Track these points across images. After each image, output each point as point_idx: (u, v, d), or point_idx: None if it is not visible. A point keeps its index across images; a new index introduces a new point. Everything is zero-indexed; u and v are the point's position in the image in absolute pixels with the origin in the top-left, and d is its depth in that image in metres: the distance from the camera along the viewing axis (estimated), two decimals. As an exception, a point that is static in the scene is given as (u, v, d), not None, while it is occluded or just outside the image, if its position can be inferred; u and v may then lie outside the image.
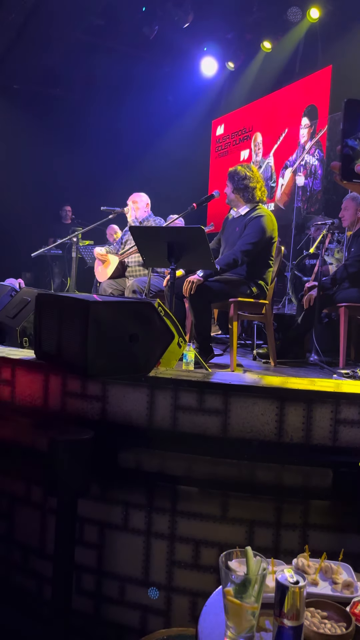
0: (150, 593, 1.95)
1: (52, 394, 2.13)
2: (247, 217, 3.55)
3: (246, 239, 3.44)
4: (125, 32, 8.23)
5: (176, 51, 8.94)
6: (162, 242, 3.01)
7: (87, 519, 2.05)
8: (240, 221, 3.59)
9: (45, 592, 2.15)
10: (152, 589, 1.95)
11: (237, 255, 3.39)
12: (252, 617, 0.92)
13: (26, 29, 7.68)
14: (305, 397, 1.86)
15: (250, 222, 3.50)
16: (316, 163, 7.52)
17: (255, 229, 3.46)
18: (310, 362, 3.73)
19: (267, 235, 3.48)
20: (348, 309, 3.64)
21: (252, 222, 3.49)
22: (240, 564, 1.00)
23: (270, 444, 1.88)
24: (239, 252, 3.40)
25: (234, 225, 3.66)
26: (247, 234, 3.46)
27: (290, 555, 1.62)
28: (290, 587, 0.92)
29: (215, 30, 8.48)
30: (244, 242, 3.43)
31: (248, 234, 3.46)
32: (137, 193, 4.67)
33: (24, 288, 3.75)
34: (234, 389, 1.91)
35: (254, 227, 3.46)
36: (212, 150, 10.06)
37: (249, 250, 3.41)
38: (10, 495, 2.27)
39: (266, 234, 3.47)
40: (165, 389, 1.95)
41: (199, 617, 1.03)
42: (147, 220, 4.53)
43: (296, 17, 7.47)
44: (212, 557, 1.92)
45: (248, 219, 3.53)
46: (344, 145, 1.09)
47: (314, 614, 1.06)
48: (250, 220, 3.51)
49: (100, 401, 2.03)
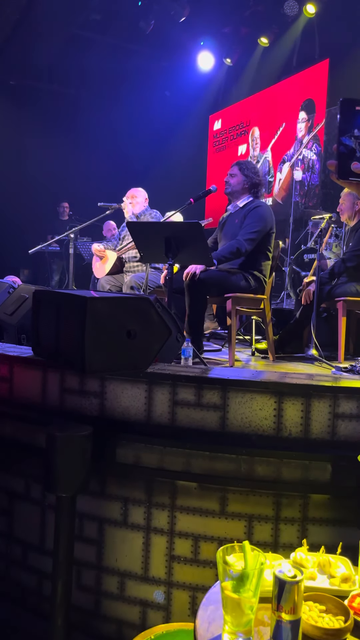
0: (156, 596, 1.95)
1: (50, 390, 2.13)
2: (246, 209, 3.56)
3: (248, 228, 3.43)
4: (121, 27, 8.20)
5: (173, 46, 8.91)
6: (159, 238, 3.00)
7: (86, 514, 2.05)
8: (239, 213, 3.60)
9: (45, 588, 2.16)
10: (157, 592, 1.96)
11: (241, 244, 3.36)
12: (250, 611, 0.92)
13: (22, 25, 7.65)
14: (304, 391, 1.86)
15: (249, 212, 3.51)
16: (314, 157, 7.50)
17: (257, 217, 3.45)
18: (309, 357, 3.73)
19: (268, 225, 3.48)
20: (346, 303, 3.63)
21: (252, 212, 3.50)
22: (239, 558, 1.00)
23: (269, 439, 1.88)
24: (242, 241, 3.37)
25: (232, 219, 3.66)
26: (248, 223, 3.45)
27: (290, 549, 1.63)
28: (288, 581, 0.93)
29: (211, 24, 8.45)
30: (246, 231, 3.42)
31: (249, 223, 3.45)
32: (135, 188, 4.64)
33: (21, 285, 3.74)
34: (232, 384, 1.91)
35: (255, 216, 3.46)
36: (210, 145, 10.03)
37: (253, 239, 3.40)
38: (10, 492, 2.27)
39: (267, 224, 3.47)
40: (163, 385, 1.95)
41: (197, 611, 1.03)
42: (144, 214, 4.51)
43: (293, 11, 7.44)
44: (211, 551, 1.93)
45: (247, 210, 3.54)
46: (339, 143, 1.10)
47: (312, 607, 1.06)
48: (250, 211, 3.52)
49: (98, 397, 2.03)
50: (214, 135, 9.93)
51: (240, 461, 1.87)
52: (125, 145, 9.15)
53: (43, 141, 8.92)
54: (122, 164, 8.95)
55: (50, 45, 8.24)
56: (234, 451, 1.88)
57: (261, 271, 3.52)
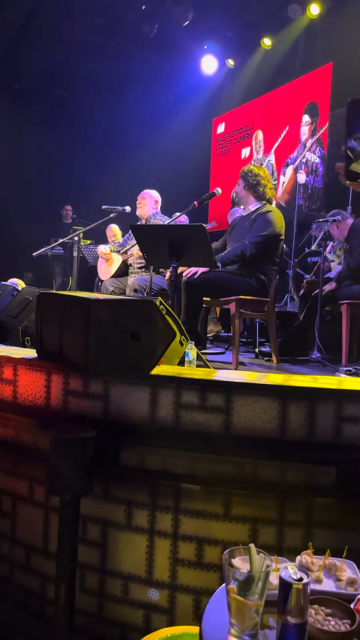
0: (151, 594, 1.94)
1: (54, 392, 2.12)
2: (256, 213, 3.59)
3: (255, 231, 3.47)
4: (125, 31, 8.23)
5: (176, 49, 8.93)
6: (163, 241, 3.00)
7: (90, 517, 2.05)
8: (249, 217, 3.63)
9: (48, 591, 2.15)
10: (152, 590, 1.95)
11: (246, 247, 3.40)
12: (255, 614, 0.92)
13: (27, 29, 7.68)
14: (308, 394, 1.86)
15: (259, 216, 3.54)
16: (317, 160, 7.50)
17: (264, 222, 3.49)
18: (313, 360, 3.72)
19: (276, 230, 3.49)
20: (350, 306, 3.63)
21: (260, 216, 3.53)
22: (244, 561, 0.99)
23: (273, 442, 1.87)
24: (248, 244, 3.41)
25: (242, 222, 3.69)
26: (256, 227, 3.49)
27: (294, 553, 1.62)
28: (294, 584, 0.92)
29: (215, 28, 8.47)
30: (253, 235, 3.46)
31: (257, 227, 3.49)
32: (147, 190, 4.62)
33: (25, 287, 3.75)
34: (236, 387, 1.90)
35: (263, 221, 3.50)
36: (213, 149, 10.04)
37: (259, 242, 3.42)
38: (13, 495, 2.27)
39: (275, 229, 3.48)
40: (167, 387, 1.95)
41: (203, 614, 1.03)
42: (153, 217, 4.50)
43: (296, 14, 7.45)
44: (215, 555, 1.92)
45: (257, 214, 3.57)
46: (346, 147, 1.10)
47: (318, 611, 1.05)
48: (259, 215, 3.55)
49: (102, 400, 2.03)
50: (218, 139, 9.94)
51: (244, 464, 1.87)
52: (129, 149, 9.17)
53: (46, 145, 8.95)
54: (126, 168, 8.97)
55: (54, 49, 8.27)
56: (238, 454, 1.87)
57: (266, 275, 3.52)
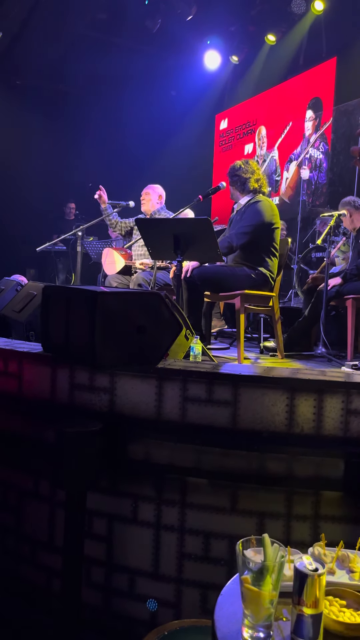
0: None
1: (60, 386, 2.11)
2: (246, 205, 3.61)
3: (243, 222, 3.52)
4: (128, 26, 8.18)
5: (179, 45, 8.88)
6: (168, 234, 2.98)
7: (96, 511, 2.04)
8: (242, 210, 3.65)
9: (54, 585, 2.14)
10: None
11: (232, 238, 3.48)
12: (270, 605, 0.90)
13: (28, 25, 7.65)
14: (316, 387, 1.84)
15: (247, 208, 3.57)
16: (321, 156, 7.47)
17: (252, 212, 3.53)
18: (318, 355, 3.71)
19: (266, 220, 3.48)
20: (355, 301, 3.61)
21: (249, 208, 3.58)
22: (256, 552, 0.98)
23: (281, 435, 1.86)
24: (233, 235, 3.49)
25: (237, 217, 3.71)
26: (245, 218, 3.56)
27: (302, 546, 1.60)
28: (310, 574, 0.91)
29: (218, 23, 8.42)
30: (240, 226, 3.50)
31: (245, 218, 3.56)
32: (151, 185, 4.59)
33: (29, 282, 3.74)
34: (243, 380, 1.89)
35: (251, 212, 3.55)
36: (216, 145, 10.01)
37: (245, 232, 3.46)
38: (19, 489, 2.26)
39: (264, 218, 3.48)
40: (173, 380, 1.94)
41: (215, 606, 1.01)
42: (157, 213, 4.47)
43: (300, 9, 7.40)
44: (222, 549, 1.90)
45: (246, 207, 3.59)
46: None
47: (333, 602, 1.04)
48: (248, 207, 3.57)
49: (108, 393, 2.01)
50: (220, 135, 9.91)
51: (251, 458, 1.86)
52: (132, 145, 9.14)
53: (48, 141, 8.91)
54: (129, 164, 8.93)
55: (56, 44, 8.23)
56: (245, 447, 1.86)
57: (266, 267, 3.49)
